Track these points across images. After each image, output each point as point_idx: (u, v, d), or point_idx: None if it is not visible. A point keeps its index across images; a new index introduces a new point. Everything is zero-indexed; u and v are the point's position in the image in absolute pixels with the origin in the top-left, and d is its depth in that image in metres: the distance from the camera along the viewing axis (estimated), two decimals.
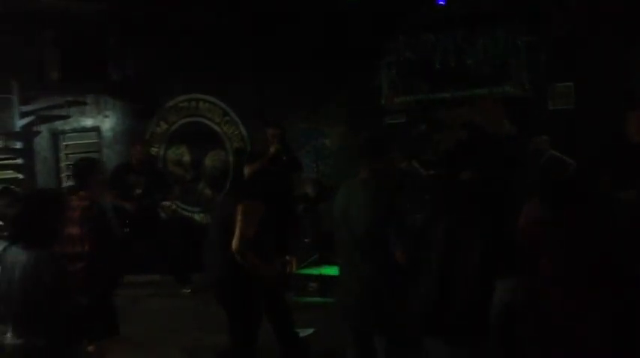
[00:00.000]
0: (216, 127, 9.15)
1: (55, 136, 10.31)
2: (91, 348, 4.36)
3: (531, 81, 7.18)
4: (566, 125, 6.87)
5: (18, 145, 9.21)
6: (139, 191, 7.66)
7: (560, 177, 4.36)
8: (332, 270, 7.04)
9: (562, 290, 2.44)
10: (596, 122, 6.66)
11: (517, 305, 2.59)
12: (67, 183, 10.23)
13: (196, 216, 9.26)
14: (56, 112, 9.38)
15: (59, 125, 10.06)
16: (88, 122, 10.05)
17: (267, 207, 4.30)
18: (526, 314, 2.55)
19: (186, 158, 9.45)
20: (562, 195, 2.72)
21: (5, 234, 8.24)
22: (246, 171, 4.67)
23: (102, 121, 9.96)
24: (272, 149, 6.36)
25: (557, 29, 7.04)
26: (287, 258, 5.28)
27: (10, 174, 9.72)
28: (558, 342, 2.43)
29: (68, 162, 10.28)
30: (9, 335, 3.21)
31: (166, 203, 8.80)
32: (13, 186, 8.62)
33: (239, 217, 4.13)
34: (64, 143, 10.37)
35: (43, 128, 9.65)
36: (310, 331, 5.55)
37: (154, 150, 9.38)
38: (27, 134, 9.13)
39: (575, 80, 7.05)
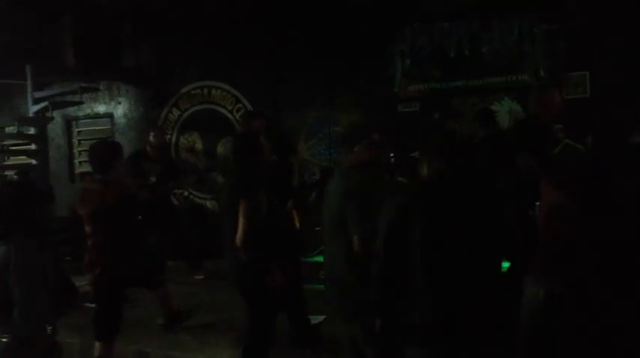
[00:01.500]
0: (228, 115, 9.16)
1: (69, 122, 10.39)
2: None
3: (546, 69, 7.12)
4: (581, 114, 6.82)
5: (31, 131, 9.26)
6: (152, 178, 7.65)
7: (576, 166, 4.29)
8: None
9: (606, 287, 2.36)
10: (611, 111, 6.61)
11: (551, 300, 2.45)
12: (79, 169, 10.30)
13: (209, 204, 9.28)
14: (69, 98, 9.41)
15: (72, 111, 10.12)
16: (101, 108, 10.10)
17: (271, 198, 4.29)
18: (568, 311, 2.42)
19: (198, 145, 9.46)
20: (590, 184, 2.63)
21: None
22: None
23: (115, 108, 10.00)
24: None
25: (573, 18, 6.97)
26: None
27: (23, 159, 9.81)
28: (603, 340, 2.35)
29: (81, 148, 10.35)
30: None
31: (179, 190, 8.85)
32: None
33: (240, 213, 4.11)
34: (77, 129, 10.45)
35: (57, 114, 9.68)
36: (321, 318, 5.55)
37: (166, 137, 9.39)
38: (40, 120, 9.16)
39: (590, 69, 6.99)
